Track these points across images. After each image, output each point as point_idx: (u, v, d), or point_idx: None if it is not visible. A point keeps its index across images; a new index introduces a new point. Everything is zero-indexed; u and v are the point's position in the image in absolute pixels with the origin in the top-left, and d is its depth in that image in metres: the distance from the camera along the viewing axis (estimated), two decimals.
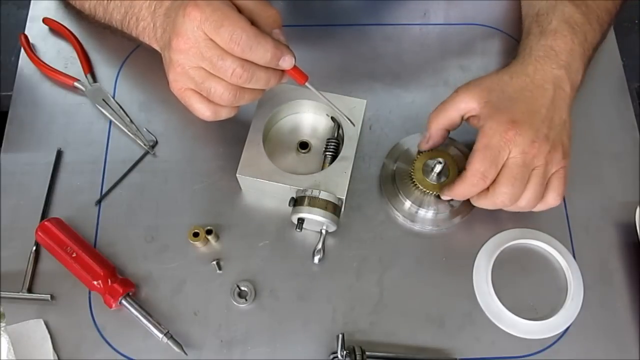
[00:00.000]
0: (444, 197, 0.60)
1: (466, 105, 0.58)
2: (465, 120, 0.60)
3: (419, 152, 0.63)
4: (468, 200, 0.63)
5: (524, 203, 0.57)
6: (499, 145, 0.55)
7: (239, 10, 0.51)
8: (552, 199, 0.57)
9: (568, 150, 0.58)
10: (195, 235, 0.60)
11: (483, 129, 0.56)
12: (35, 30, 0.73)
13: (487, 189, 0.57)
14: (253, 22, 0.51)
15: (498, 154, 0.55)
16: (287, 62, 0.52)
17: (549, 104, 0.57)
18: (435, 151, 0.62)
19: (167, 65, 0.56)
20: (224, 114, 0.57)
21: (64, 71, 0.70)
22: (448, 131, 0.61)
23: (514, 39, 0.73)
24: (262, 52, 0.51)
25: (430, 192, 0.61)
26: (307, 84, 0.55)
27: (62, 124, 0.68)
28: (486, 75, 0.60)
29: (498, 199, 0.56)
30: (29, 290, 0.60)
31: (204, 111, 0.56)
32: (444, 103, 0.60)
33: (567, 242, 0.63)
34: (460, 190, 0.57)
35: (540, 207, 0.58)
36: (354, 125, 0.62)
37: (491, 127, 0.55)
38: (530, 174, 0.55)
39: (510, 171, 0.55)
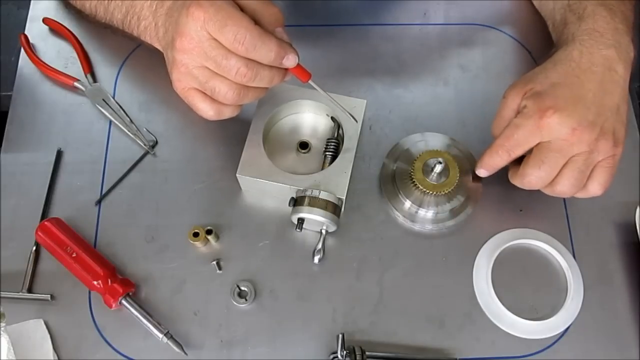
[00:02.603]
0: (480, 173, 0.59)
1: (513, 101, 0.56)
2: None
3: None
4: (468, 200, 0.63)
5: (559, 188, 0.55)
6: (532, 129, 0.53)
7: (242, 9, 0.51)
8: (593, 189, 0.56)
9: (621, 138, 0.55)
10: (195, 235, 0.60)
11: (522, 109, 0.55)
12: (35, 30, 0.72)
13: (519, 167, 0.56)
14: (256, 21, 0.51)
15: (528, 136, 0.53)
16: (290, 61, 0.53)
17: (596, 88, 0.54)
18: (435, 151, 0.62)
19: (170, 64, 0.56)
20: (228, 113, 0.57)
21: (64, 71, 0.70)
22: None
23: (514, 39, 0.73)
24: (266, 51, 0.51)
25: (430, 192, 0.61)
26: (310, 81, 0.55)
27: (62, 124, 0.68)
28: (531, 70, 0.58)
29: (525, 179, 0.55)
30: (29, 290, 0.60)
31: (207, 110, 0.56)
32: (498, 111, 0.58)
33: (567, 242, 0.63)
34: (486, 158, 0.57)
35: (580, 195, 0.57)
36: (356, 121, 0.62)
37: (529, 109, 0.54)
38: (568, 160, 0.53)
39: (540, 154, 0.54)
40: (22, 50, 0.71)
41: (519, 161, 0.57)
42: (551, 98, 0.53)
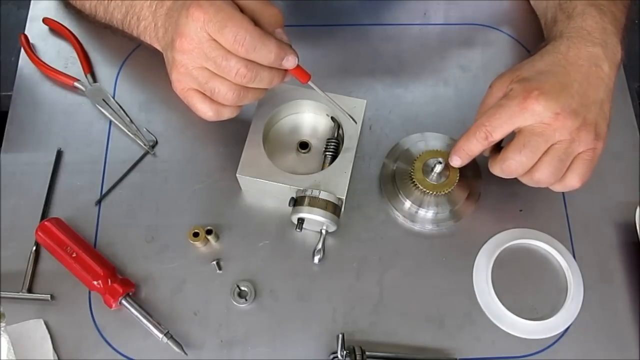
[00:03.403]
0: (452, 162, 0.58)
1: (499, 90, 0.56)
2: None
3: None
4: (468, 200, 0.63)
5: (538, 176, 0.54)
6: (514, 110, 0.53)
7: (241, 9, 0.51)
8: (571, 180, 0.55)
9: (603, 134, 0.54)
10: (195, 235, 0.60)
11: (508, 92, 0.54)
12: (35, 30, 0.72)
13: (498, 153, 0.55)
14: (255, 22, 0.51)
15: (510, 117, 0.53)
16: (290, 62, 0.53)
17: (582, 79, 0.54)
18: (435, 151, 0.62)
19: (169, 65, 0.56)
20: (227, 114, 0.57)
21: (64, 71, 0.70)
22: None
23: (514, 39, 0.73)
24: (265, 52, 0.51)
25: (430, 192, 0.61)
26: (309, 82, 0.55)
27: (62, 124, 0.68)
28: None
29: (504, 164, 0.54)
30: (29, 290, 0.60)
31: (206, 111, 0.56)
32: (483, 99, 0.58)
33: (567, 242, 0.63)
34: (463, 141, 0.56)
35: (558, 187, 0.56)
36: (355, 122, 0.62)
37: (515, 90, 0.53)
38: (549, 148, 0.53)
39: (522, 138, 0.53)
40: (22, 50, 0.71)
41: (498, 151, 0.56)
42: (537, 82, 0.53)
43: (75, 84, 0.69)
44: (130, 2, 0.61)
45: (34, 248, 0.61)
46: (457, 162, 0.58)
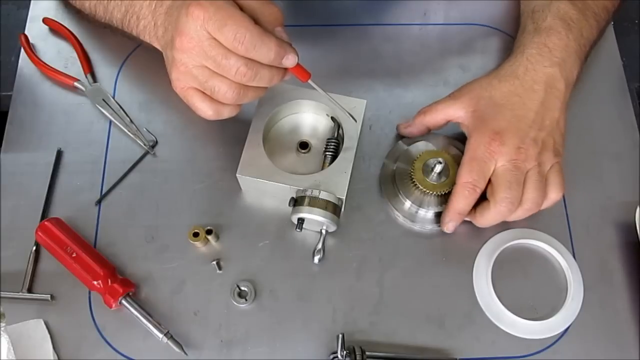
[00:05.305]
0: (448, 230, 0.60)
1: (454, 112, 0.60)
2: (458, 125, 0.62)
3: (401, 137, 0.66)
4: None
5: (529, 204, 0.57)
6: (484, 157, 0.56)
7: (241, 8, 0.51)
8: (554, 194, 0.58)
9: (560, 148, 0.58)
10: (195, 235, 0.60)
11: (469, 141, 0.58)
12: (35, 30, 0.73)
13: (488, 202, 0.58)
14: (255, 20, 0.51)
15: (484, 165, 0.56)
16: (290, 61, 0.53)
17: (538, 106, 0.57)
18: (435, 151, 0.62)
19: (169, 64, 0.56)
20: (227, 113, 0.57)
21: (64, 71, 0.70)
22: (429, 129, 0.64)
23: (514, 39, 0.73)
24: (265, 51, 0.51)
25: (430, 192, 0.61)
26: (309, 81, 0.56)
27: (62, 124, 0.68)
28: (478, 80, 0.61)
29: (501, 206, 0.56)
30: (29, 290, 0.60)
31: (206, 110, 0.56)
32: (435, 104, 0.62)
33: (567, 242, 0.63)
34: (455, 204, 0.59)
35: (545, 205, 0.59)
36: (355, 120, 0.62)
37: (475, 139, 0.57)
38: (525, 176, 0.56)
39: (504, 177, 0.56)
40: (22, 50, 0.71)
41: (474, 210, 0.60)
42: (494, 121, 0.57)
43: (75, 84, 0.69)
44: (130, 1, 0.61)
45: (34, 248, 0.61)
46: (452, 227, 0.60)
